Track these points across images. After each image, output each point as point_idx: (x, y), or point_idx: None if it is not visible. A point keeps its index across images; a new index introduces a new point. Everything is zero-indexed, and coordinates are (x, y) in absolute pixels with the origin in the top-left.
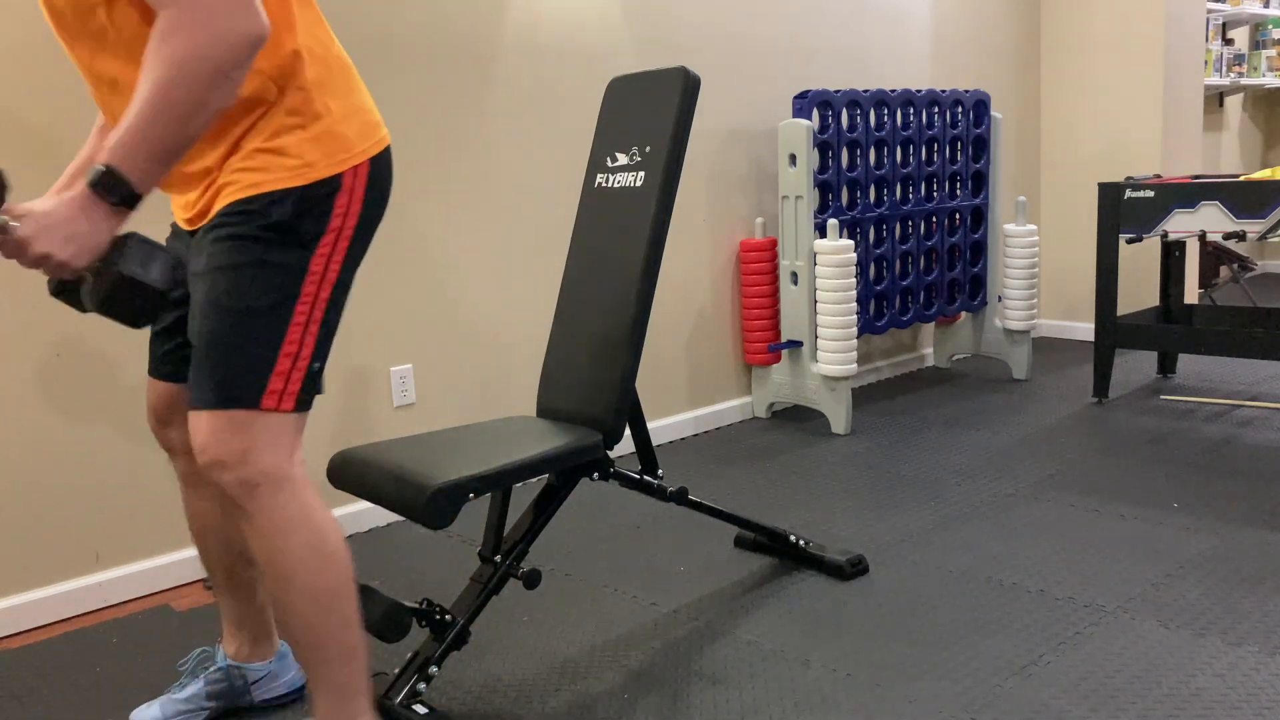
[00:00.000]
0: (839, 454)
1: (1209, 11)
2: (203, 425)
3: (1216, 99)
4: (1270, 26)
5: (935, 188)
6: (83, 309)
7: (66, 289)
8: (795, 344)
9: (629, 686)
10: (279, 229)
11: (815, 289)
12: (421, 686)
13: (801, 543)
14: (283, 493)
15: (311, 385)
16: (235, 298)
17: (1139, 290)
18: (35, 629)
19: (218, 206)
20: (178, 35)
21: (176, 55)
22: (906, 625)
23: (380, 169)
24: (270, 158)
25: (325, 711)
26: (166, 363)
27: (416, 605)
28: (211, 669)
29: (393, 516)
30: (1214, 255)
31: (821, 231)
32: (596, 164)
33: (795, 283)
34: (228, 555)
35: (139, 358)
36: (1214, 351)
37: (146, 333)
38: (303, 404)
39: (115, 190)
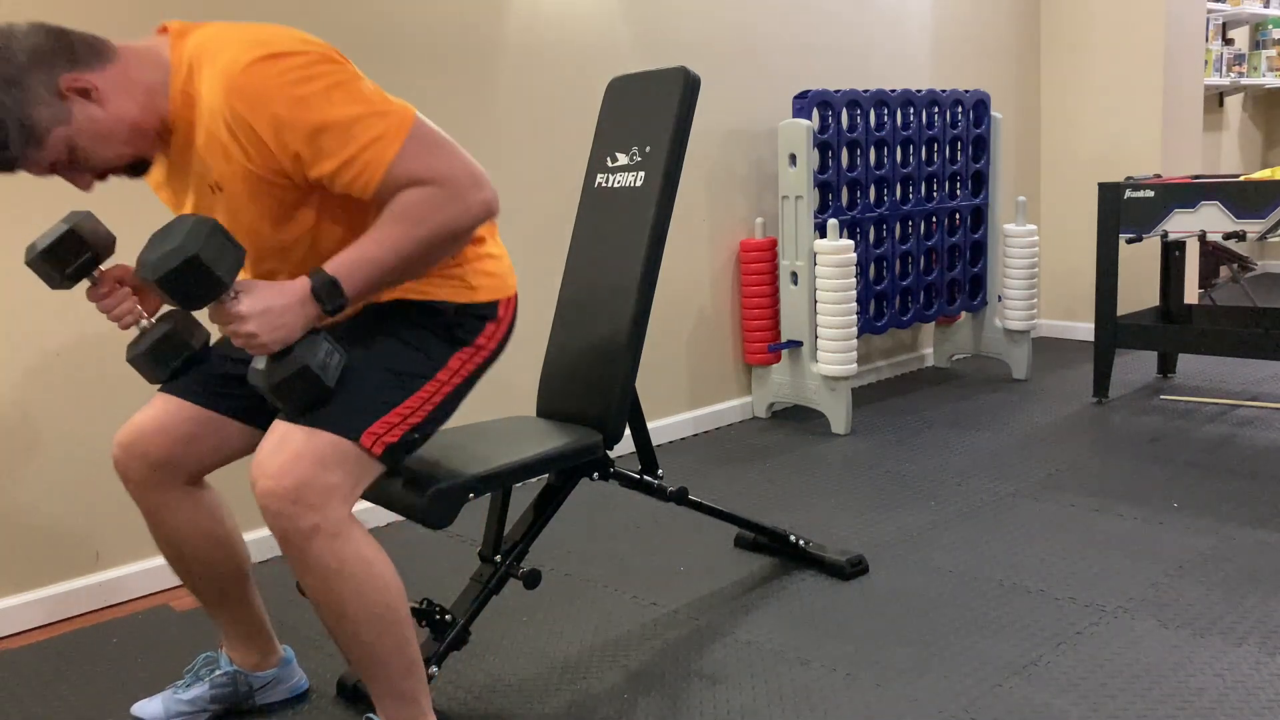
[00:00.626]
0: (839, 454)
1: (1209, 11)
2: (290, 448)
3: (1216, 99)
4: (1270, 26)
5: (935, 188)
6: (152, 380)
7: (155, 360)
8: (795, 344)
9: (629, 686)
10: (439, 325)
11: (815, 289)
12: None
13: (802, 543)
14: (337, 540)
15: (402, 449)
16: (380, 353)
17: (1139, 290)
18: (35, 629)
19: (377, 300)
20: (432, 203)
21: (431, 218)
22: (906, 625)
23: (516, 306)
24: (442, 279)
25: (390, 718)
26: (210, 391)
27: (417, 605)
28: (217, 673)
29: (393, 516)
30: (1214, 255)
31: (821, 231)
32: (596, 164)
33: (795, 283)
34: (216, 578)
35: None
36: (1214, 351)
37: None
38: (388, 457)
39: (333, 300)
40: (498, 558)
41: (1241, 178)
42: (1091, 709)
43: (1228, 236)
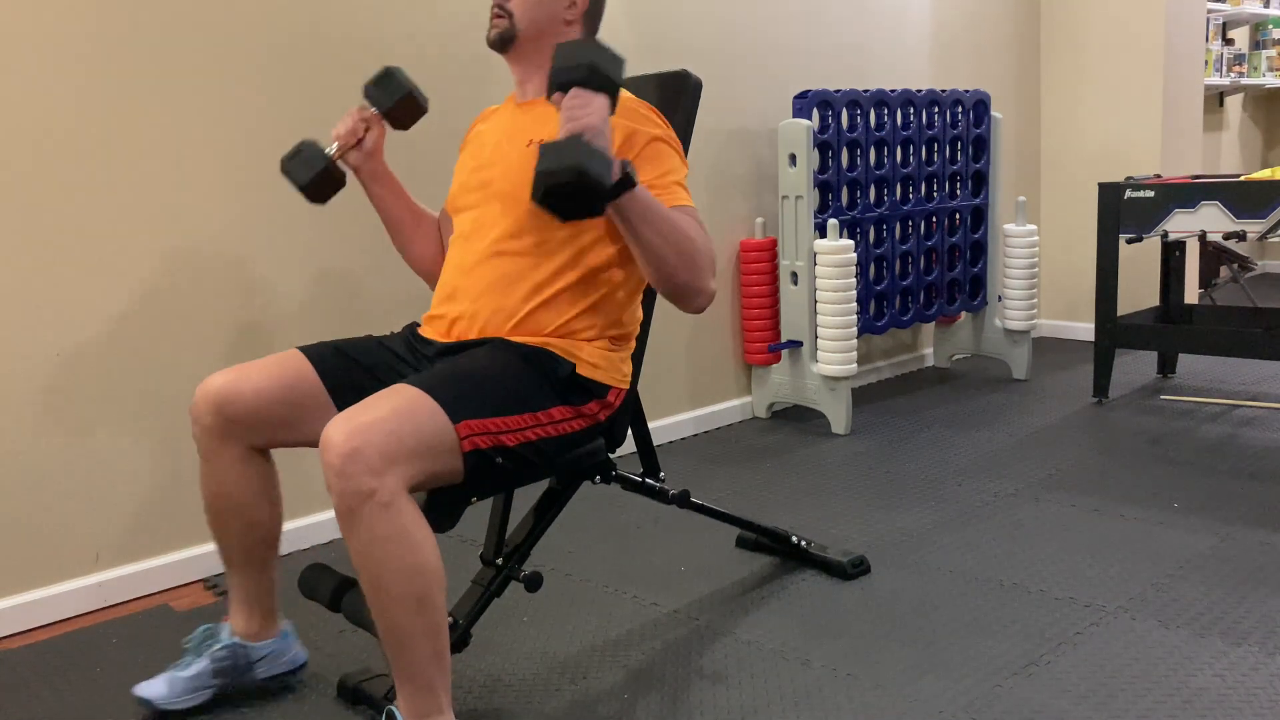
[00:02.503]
0: (839, 454)
1: (1209, 11)
2: (373, 413)
3: (1216, 99)
4: (1270, 26)
5: (935, 188)
6: (282, 167)
7: (300, 161)
8: (795, 344)
9: (629, 686)
10: (555, 377)
11: (815, 289)
12: None
13: (803, 543)
14: (389, 510)
15: (485, 464)
16: (501, 372)
17: (1139, 290)
18: (35, 629)
19: (514, 339)
20: (699, 239)
21: (693, 243)
22: (906, 625)
23: (624, 404)
24: (574, 347)
25: (406, 705)
26: (340, 373)
27: None
28: (216, 646)
29: None
30: (1214, 255)
31: (821, 231)
32: None
33: (795, 283)
34: (248, 536)
35: (139, 358)
36: (1214, 351)
37: (140, 334)
38: (471, 460)
39: (627, 174)
40: (499, 561)
41: (1241, 178)
42: (1091, 709)
43: (1228, 236)
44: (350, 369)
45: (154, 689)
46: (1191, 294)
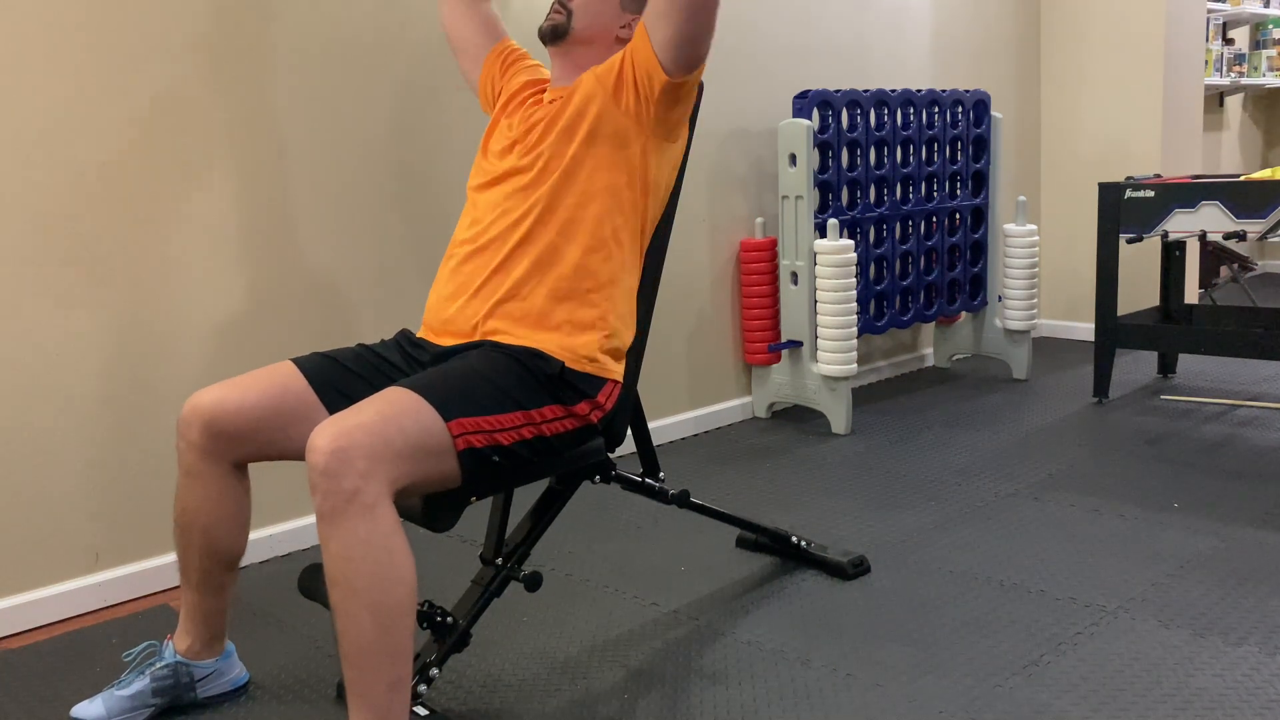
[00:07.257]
0: (839, 454)
1: (1209, 11)
2: (362, 416)
3: (1216, 99)
4: (1270, 26)
5: (935, 188)
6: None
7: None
8: (795, 344)
9: (629, 686)
10: (545, 375)
11: (815, 289)
12: (422, 688)
13: (803, 544)
14: (372, 513)
15: (480, 463)
16: (491, 372)
17: (1139, 290)
18: (35, 629)
19: (498, 339)
20: None
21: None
22: (906, 625)
23: (619, 402)
24: (567, 344)
25: None
26: (333, 381)
27: (419, 607)
28: (158, 665)
29: None
30: (1214, 255)
31: (821, 231)
32: None
33: (795, 283)
34: (208, 557)
35: (138, 358)
36: (1214, 351)
37: (140, 335)
38: (466, 460)
39: None
40: (499, 560)
41: (1241, 178)
42: (1091, 709)
43: (1228, 236)
44: (342, 376)
45: (91, 710)
46: (1191, 294)
